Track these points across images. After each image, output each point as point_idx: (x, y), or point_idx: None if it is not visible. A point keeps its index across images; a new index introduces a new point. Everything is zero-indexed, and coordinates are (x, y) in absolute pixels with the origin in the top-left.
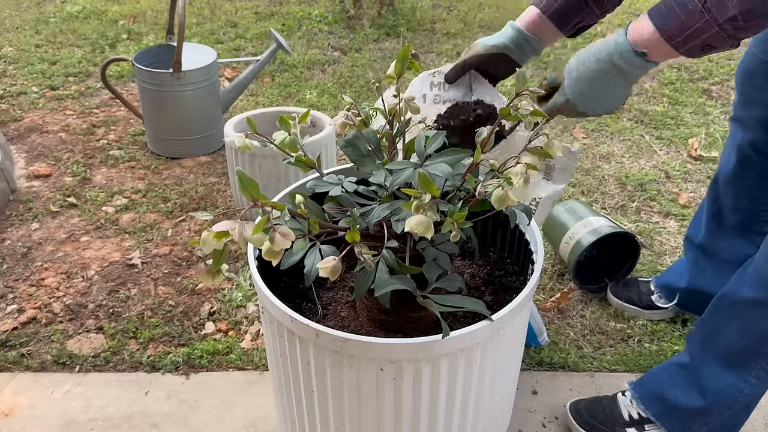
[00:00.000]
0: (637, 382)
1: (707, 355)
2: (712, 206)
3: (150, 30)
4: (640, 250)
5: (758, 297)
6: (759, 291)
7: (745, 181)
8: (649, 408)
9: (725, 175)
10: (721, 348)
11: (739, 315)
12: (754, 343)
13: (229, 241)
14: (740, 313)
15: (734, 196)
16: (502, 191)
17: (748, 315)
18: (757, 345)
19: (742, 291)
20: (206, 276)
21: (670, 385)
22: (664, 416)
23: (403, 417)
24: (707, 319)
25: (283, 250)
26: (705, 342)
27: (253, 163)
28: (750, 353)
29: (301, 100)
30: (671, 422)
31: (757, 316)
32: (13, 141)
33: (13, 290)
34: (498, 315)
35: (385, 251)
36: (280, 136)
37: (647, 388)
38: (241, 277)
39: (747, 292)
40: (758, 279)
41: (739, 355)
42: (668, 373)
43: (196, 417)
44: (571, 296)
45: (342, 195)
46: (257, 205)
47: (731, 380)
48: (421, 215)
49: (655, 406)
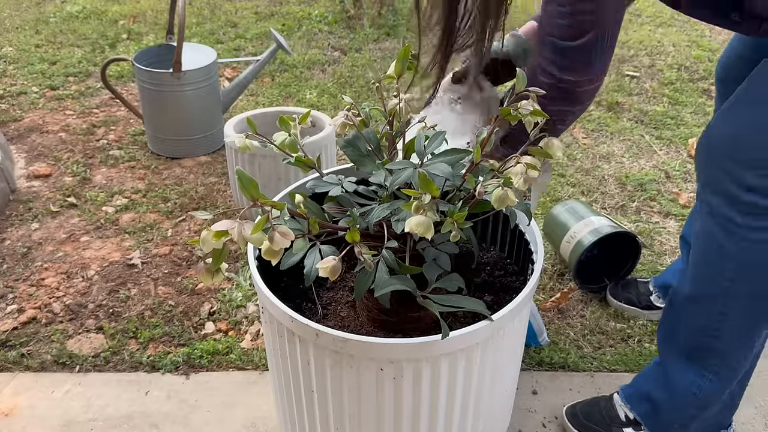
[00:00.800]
0: (628, 384)
1: (672, 353)
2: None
3: (150, 30)
4: (640, 251)
5: (692, 293)
6: (693, 287)
7: None
8: (635, 408)
9: None
10: (679, 345)
11: (683, 312)
12: (698, 339)
13: (228, 240)
14: (683, 310)
15: None
16: (502, 191)
17: (688, 311)
18: (701, 341)
19: (683, 288)
20: (206, 275)
21: (652, 385)
22: (648, 416)
23: (403, 417)
24: (665, 317)
25: (282, 249)
26: (666, 339)
27: (253, 163)
28: (700, 350)
29: (301, 100)
30: (653, 422)
31: (694, 312)
32: (13, 141)
33: (13, 290)
34: (498, 315)
35: (384, 251)
36: (280, 137)
37: (635, 388)
38: (241, 277)
39: (685, 289)
40: (692, 275)
41: (692, 351)
42: (650, 372)
43: (196, 417)
44: (571, 296)
45: (342, 195)
46: (257, 205)
47: (691, 377)
48: (421, 216)
49: (641, 406)
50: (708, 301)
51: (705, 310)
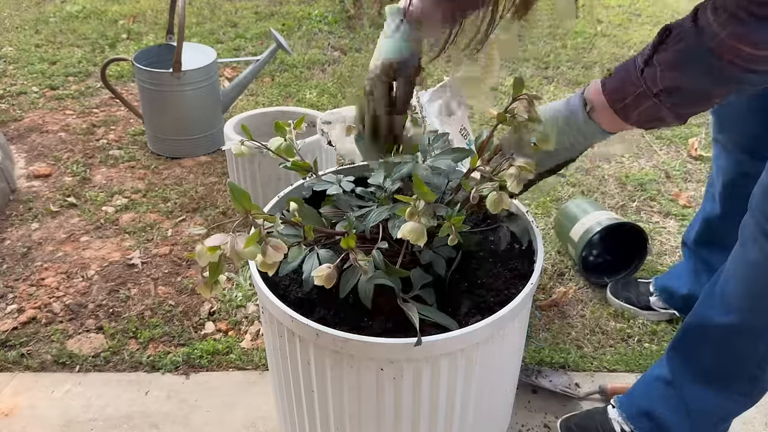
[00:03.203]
0: (624, 396)
1: (688, 375)
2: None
3: (150, 30)
4: (647, 253)
5: (726, 321)
6: (727, 315)
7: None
8: (638, 426)
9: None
10: (701, 370)
11: (711, 340)
12: (731, 366)
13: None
14: (712, 338)
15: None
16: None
17: (720, 340)
18: (734, 368)
19: (711, 315)
20: (204, 288)
21: (658, 404)
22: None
23: (403, 417)
24: (682, 340)
25: (276, 262)
26: (684, 363)
27: (253, 163)
28: (730, 377)
29: (301, 99)
30: None
31: (739, 342)
32: (13, 141)
33: (13, 290)
34: (498, 315)
35: (375, 252)
36: (276, 142)
37: (635, 406)
38: (241, 277)
39: (716, 317)
40: (724, 302)
41: (726, 378)
42: (654, 390)
43: (196, 417)
44: (572, 296)
45: (340, 196)
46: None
47: (718, 400)
48: (414, 222)
49: (644, 424)
50: (760, 333)
51: (753, 341)
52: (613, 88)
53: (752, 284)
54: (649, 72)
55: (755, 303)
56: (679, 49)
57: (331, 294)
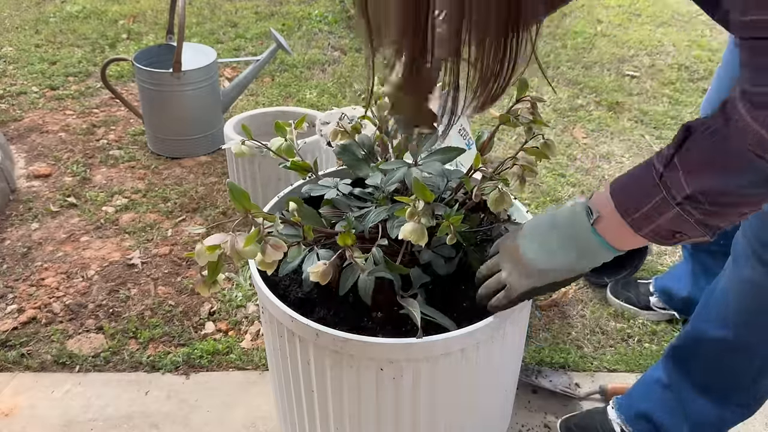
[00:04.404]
0: (623, 398)
1: (686, 383)
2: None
3: (150, 30)
4: (647, 253)
5: (721, 335)
6: (722, 329)
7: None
8: (636, 428)
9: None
10: (698, 381)
11: (707, 353)
12: (728, 379)
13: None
14: (707, 352)
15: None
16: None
17: (715, 354)
18: (732, 381)
19: (706, 329)
20: (202, 287)
21: (656, 407)
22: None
23: (403, 417)
24: (683, 351)
25: (276, 261)
26: (681, 373)
27: (253, 163)
28: (728, 389)
29: (301, 100)
30: None
31: (735, 357)
32: (13, 141)
33: (13, 290)
34: (498, 315)
35: (375, 249)
36: (277, 143)
37: (634, 408)
38: (241, 277)
39: (711, 331)
40: (719, 316)
41: (723, 390)
42: (653, 393)
43: (196, 417)
44: (572, 296)
45: (338, 198)
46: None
47: (715, 410)
48: (414, 223)
49: (642, 426)
50: (755, 348)
51: (749, 356)
52: (626, 196)
53: (748, 300)
54: (671, 176)
55: (750, 318)
56: (706, 147)
57: (330, 294)
